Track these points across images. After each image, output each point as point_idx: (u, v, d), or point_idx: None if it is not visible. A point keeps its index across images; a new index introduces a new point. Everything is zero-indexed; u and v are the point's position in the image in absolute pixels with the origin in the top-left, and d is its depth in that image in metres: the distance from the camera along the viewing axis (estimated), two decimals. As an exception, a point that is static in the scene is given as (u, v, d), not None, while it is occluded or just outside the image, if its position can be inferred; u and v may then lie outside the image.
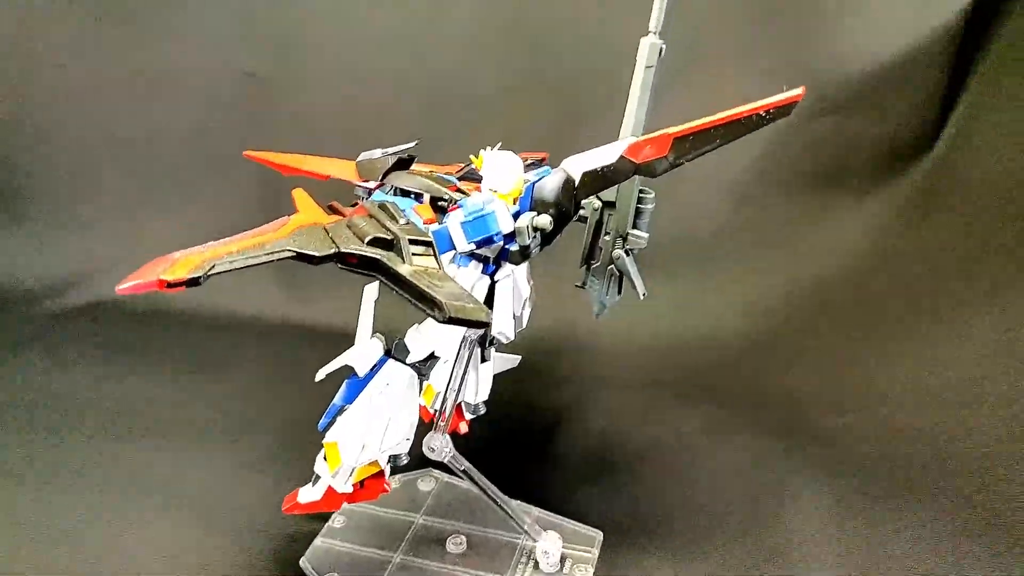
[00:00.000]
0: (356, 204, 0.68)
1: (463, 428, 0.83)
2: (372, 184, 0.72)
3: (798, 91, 0.54)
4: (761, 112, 0.55)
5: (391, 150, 0.73)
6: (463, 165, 0.81)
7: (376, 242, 0.57)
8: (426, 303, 0.53)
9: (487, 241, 0.62)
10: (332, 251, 0.55)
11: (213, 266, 0.49)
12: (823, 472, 0.95)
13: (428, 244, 0.59)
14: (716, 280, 1.34)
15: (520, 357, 0.85)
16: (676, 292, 1.31)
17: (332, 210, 0.65)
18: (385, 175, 0.71)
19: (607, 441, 1.05)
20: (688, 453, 1.02)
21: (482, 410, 0.83)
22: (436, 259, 0.58)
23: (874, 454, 0.97)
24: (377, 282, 0.67)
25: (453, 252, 0.64)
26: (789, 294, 1.28)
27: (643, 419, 1.09)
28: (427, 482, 0.94)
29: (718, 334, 1.26)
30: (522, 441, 1.05)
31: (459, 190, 0.71)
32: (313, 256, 0.54)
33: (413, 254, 0.57)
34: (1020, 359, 0.98)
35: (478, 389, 0.81)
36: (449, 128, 1.39)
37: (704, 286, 1.33)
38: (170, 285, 0.46)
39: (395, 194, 0.71)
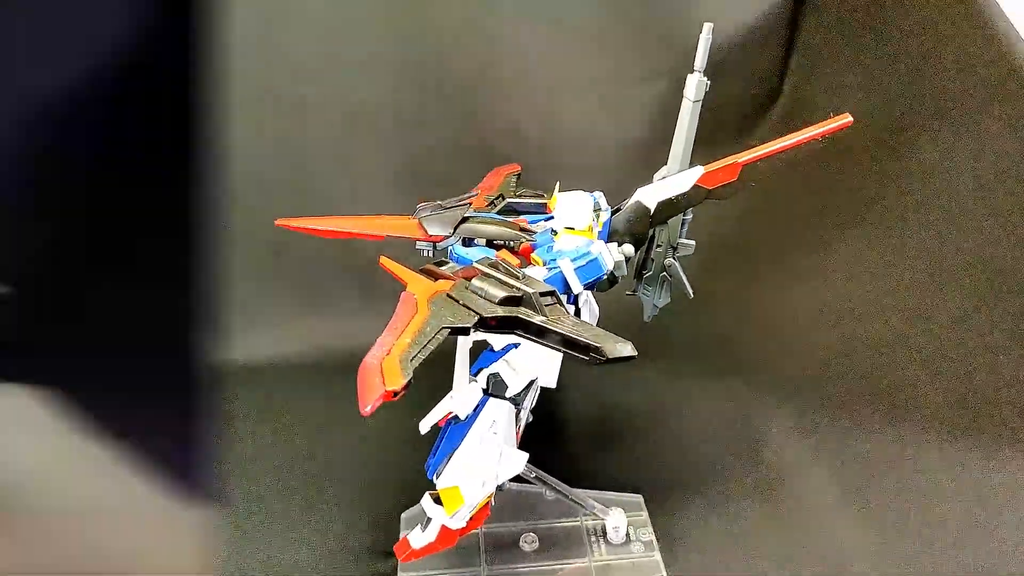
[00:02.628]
0: (444, 262, 0.70)
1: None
2: (438, 235, 0.74)
3: (847, 118, 0.66)
4: (819, 138, 0.67)
5: (448, 202, 0.75)
6: (490, 198, 0.85)
7: (506, 301, 0.61)
8: (578, 349, 0.59)
9: (596, 280, 0.69)
10: (476, 319, 0.59)
11: (410, 363, 0.52)
12: (780, 396, 1.15)
13: (552, 294, 0.64)
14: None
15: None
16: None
17: (430, 274, 0.67)
18: (455, 228, 0.74)
19: (595, 413, 1.16)
20: (665, 407, 1.16)
21: (530, 418, 0.89)
22: (563, 305, 0.64)
23: (806, 373, 1.19)
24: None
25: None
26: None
27: (612, 385, 1.21)
28: (465, 492, 0.99)
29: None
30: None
31: (523, 229, 0.75)
32: (464, 328, 0.58)
33: (545, 305, 0.63)
34: (894, 272, 1.23)
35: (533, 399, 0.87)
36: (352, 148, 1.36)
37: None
38: (395, 394, 0.49)
39: (462, 244, 0.74)
